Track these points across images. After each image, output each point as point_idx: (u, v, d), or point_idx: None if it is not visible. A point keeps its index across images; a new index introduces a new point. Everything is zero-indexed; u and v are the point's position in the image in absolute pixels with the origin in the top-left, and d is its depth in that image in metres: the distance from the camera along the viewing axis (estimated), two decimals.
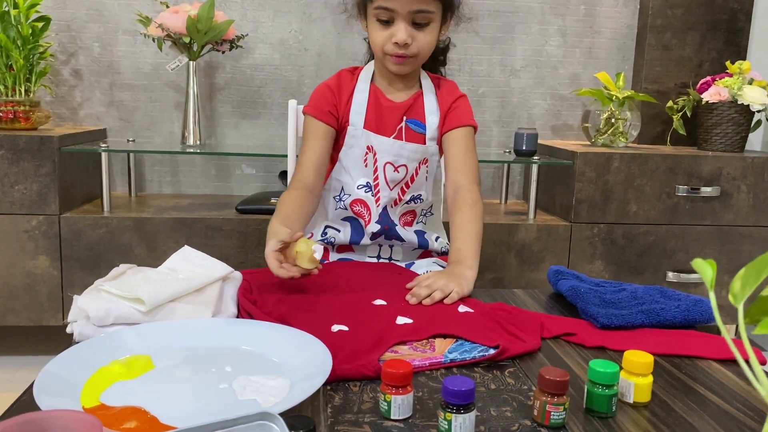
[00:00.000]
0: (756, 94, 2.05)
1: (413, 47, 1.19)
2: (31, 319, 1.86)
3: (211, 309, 0.85)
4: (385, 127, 1.27)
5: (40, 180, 1.81)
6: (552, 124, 2.42)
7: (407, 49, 1.18)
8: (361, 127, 1.26)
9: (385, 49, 1.20)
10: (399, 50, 1.18)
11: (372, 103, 1.28)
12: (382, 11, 1.16)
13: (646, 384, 0.69)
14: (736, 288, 0.39)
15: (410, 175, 1.28)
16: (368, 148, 1.27)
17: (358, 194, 1.28)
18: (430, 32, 1.20)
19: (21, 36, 1.87)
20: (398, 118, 1.28)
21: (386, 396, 0.63)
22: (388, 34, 1.18)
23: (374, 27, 1.20)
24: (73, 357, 0.70)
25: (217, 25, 1.96)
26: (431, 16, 1.18)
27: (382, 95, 1.29)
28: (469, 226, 1.17)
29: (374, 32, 1.20)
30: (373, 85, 1.29)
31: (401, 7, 1.15)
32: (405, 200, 1.30)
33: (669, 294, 0.99)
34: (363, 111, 1.27)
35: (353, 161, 1.27)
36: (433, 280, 1.01)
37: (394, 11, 1.15)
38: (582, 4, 2.34)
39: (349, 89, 1.28)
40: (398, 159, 1.26)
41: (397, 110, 1.28)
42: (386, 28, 1.18)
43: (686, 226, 2.04)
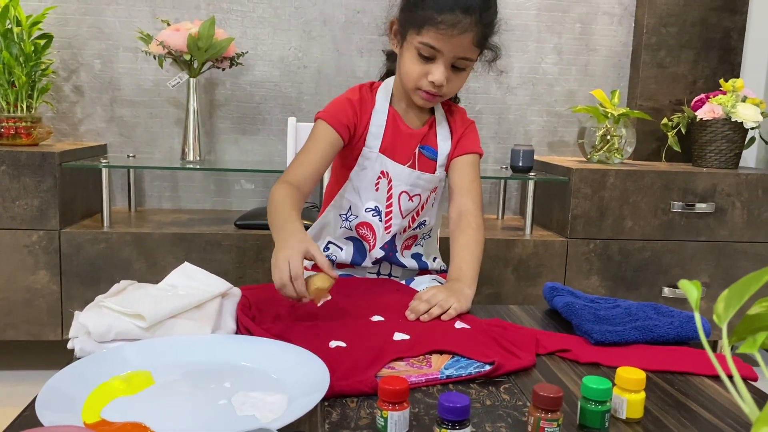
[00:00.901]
0: (749, 112, 2.08)
1: (445, 89, 1.18)
2: (30, 334, 1.86)
3: (211, 325, 0.86)
4: (400, 153, 1.26)
5: (40, 195, 1.82)
6: (548, 141, 2.44)
7: (440, 90, 1.18)
8: (377, 150, 1.24)
9: (418, 84, 1.18)
10: (433, 89, 1.17)
11: (390, 127, 1.26)
12: (426, 48, 1.14)
13: (639, 400, 0.70)
14: (719, 309, 0.41)
15: (422, 203, 1.29)
16: (382, 173, 1.25)
17: (365, 217, 1.26)
18: (463, 76, 1.20)
19: (23, 53, 1.90)
20: (414, 145, 1.27)
21: (383, 412, 0.64)
22: (425, 71, 1.16)
23: (412, 59, 1.17)
24: (75, 373, 0.71)
25: (218, 43, 1.98)
26: (470, 63, 1.18)
27: (401, 120, 1.27)
28: (471, 248, 1.18)
29: (410, 64, 1.17)
30: (391, 108, 1.27)
31: (449, 50, 1.13)
32: (413, 227, 1.30)
33: (662, 310, 1.01)
34: (381, 134, 1.25)
35: (365, 183, 1.26)
36: (432, 294, 1.02)
37: (439, 52, 1.14)
38: (578, 23, 2.37)
39: (369, 109, 1.26)
40: (414, 188, 1.26)
41: (414, 138, 1.27)
42: (425, 64, 1.16)
43: (681, 242, 2.05)
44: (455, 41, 1.12)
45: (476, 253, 1.18)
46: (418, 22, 1.13)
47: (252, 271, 1.92)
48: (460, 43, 1.12)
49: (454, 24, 1.11)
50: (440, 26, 1.11)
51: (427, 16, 1.12)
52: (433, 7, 1.11)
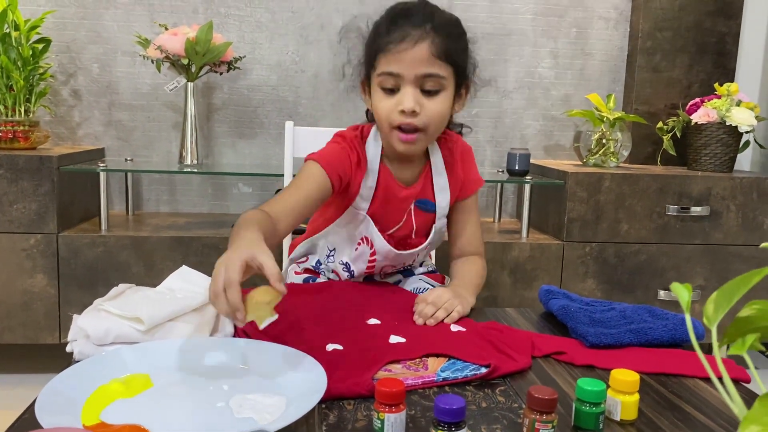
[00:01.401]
0: (744, 116, 2.09)
1: (422, 117, 1.06)
2: (28, 338, 1.87)
3: (209, 328, 0.86)
4: (393, 215, 1.19)
5: (38, 199, 1.83)
6: (544, 145, 2.45)
7: (415, 118, 1.06)
8: (365, 212, 1.17)
9: (391, 120, 1.07)
10: (406, 119, 1.05)
11: (381, 188, 1.16)
12: (386, 77, 1.05)
13: (633, 402, 0.71)
14: (709, 311, 0.41)
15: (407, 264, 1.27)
16: (365, 240, 1.18)
17: (336, 267, 1.23)
18: (440, 101, 1.07)
19: (21, 57, 1.90)
20: (407, 205, 1.19)
21: (380, 414, 0.65)
22: (394, 103, 1.06)
23: (379, 97, 1.08)
24: (74, 375, 0.72)
25: (215, 47, 1.99)
26: (442, 83, 1.06)
27: (392, 180, 1.17)
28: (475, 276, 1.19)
29: (379, 103, 1.08)
30: (382, 165, 1.16)
31: (408, 70, 1.03)
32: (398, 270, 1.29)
33: (657, 313, 1.02)
34: (371, 195, 1.16)
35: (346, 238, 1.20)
36: (437, 296, 1.02)
37: (400, 76, 1.04)
38: (573, 27, 2.38)
39: (363, 167, 1.15)
40: (398, 260, 1.22)
41: (407, 199, 1.19)
42: (392, 97, 1.06)
43: (677, 245, 2.07)
44: (410, 56, 1.03)
45: (478, 282, 1.19)
46: (372, 57, 1.08)
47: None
48: (416, 57, 1.03)
49: (403, 38, 1.03)
50: (390, 46, 1.03)
51: (377, 46, 1.06)
52: (381, 34, 1.06)
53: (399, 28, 1.04)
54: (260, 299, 0.75)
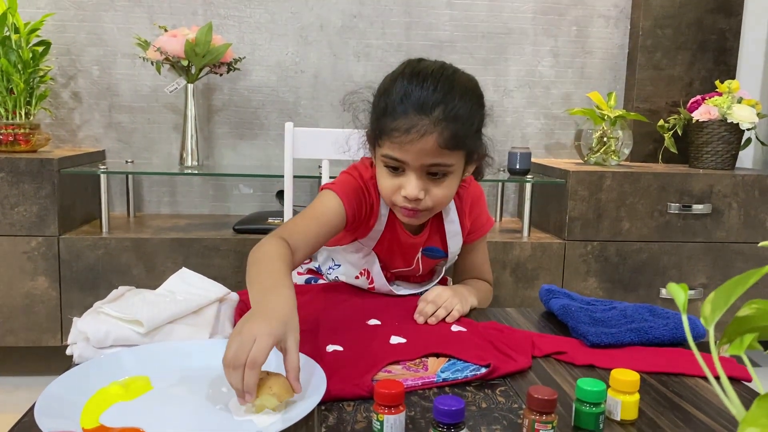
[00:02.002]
0: (745, 113, 2.09)
1: (427, 201, 1.01)
2: (29, 340, 1.87)
3: (209, 330, 0.86)
4: (400, 260, 1.17)
5: (39, 202, 1.83)
6: (545, 143, 2.45)
7: (419, 204, 1.01)
8: (371, 248, 1.15)
9: (394, 200, 1.02)
10: (409, 204, 1.00)
11: (389, 234, 1.14)
12: (389, 159, 0.98)
13: (633, 402, 0.70)
14: (707, 311, 0.41)
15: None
16: (366, 272, 1.16)
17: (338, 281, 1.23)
18: (447, 185, 1.01)
19: (22, 60, 1.90)
20: (416, 251, 1.17)
21: (379, 416, 0.65)
22: (397, 184, 1.00)
23: (382, 173, 1.02)
24: (73, 379, 0.72)
25: (215, 49, 1.99)
26: (449, 169, 1.00)
27: (402, 229, 1.14)
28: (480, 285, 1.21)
29: (382, 179, 1.02)
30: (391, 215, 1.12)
31: (414, 160, 0.96)
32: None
33: (658, 312, 1.01)
34: (377, 237, 1.14)
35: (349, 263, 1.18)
36: (437, 294, 1.03)
37: (404, 162, 0.98)
38: (573, 25, 2.38)
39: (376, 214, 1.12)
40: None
41: (414, 247, 1.16)
42: (395, 176, 1.00)
43: (678, 243, 2.06)
44: (416, 148, 0.95)
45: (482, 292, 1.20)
46: (377, 133, 1.00)
47: None
48: (422, 149, 0.95)
49: (408, 129, 0.94)
50: (394, 134, 0.95)
51: (383, 126, 0.97)
52: (387, 114, 0.97)
53: (406, 116, 0.95)
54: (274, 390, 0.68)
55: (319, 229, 1.04)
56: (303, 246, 1.00)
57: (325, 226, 1.04)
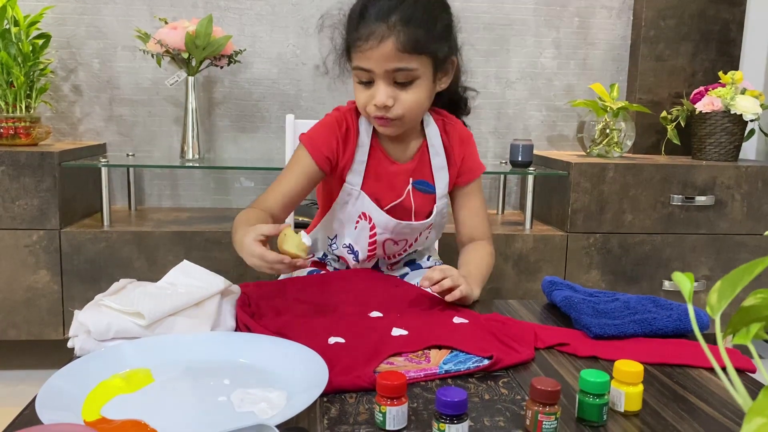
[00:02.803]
0: (748, 104, 2.08)
1: (396, 108, 1.08)
2: (31, 334, 1.87)
3: (210, 323, 0.86)
4: (390, 191, 1.20)
5: (40, 195, 1.83)
6: (547, 135, 2.44)
7: (389, 112, 1.08)
8: (359, 187, 1.18)
9: (368, 112, 1.11)
10: (380, 112, 1.08)
11: (373, 163, 1.18)
12: (360, 72, 1.07)
13: (637, 393, 0.70)
14: (713, 300, 0.41)
15: (410, 243, 1.25)
16: (363, 215, 1.19)
17: (342, 252, 1.25)
18: (416, 91, 1.08)
19: (22, 53, 1.90)
20: (405, 180, 1.20)
21: (381, 407, 0.64)
22: (369, 95, 1.08)
23: (356, 88, 1.11)
24: (74, 371, 0.72)
25: (215, 41, 1.98)
26: (415, 74, 1.06)
27: (385, 156, 1.19)
28: (483, 265, 1.20)
29: (357, 93, 1.12)
30: (374, 141, 1.19)
31: (378, 66, 1.05)
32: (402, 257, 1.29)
33: (661, 303, 1.01)
34: (362, 171, 1.17)
35: (347, 219, 1.21)
36: (447, 267, 1.03)
37: (371, 71, 1.06)
38: (576, 16, 2.37)
39: (353, 140, 1.17)
40: (400, 235, 1.21)
41: (403, 174, 1.19)
42: (367, 89, 1.09)
43: (681, 235, 2.05)
44: (377, 54, 1.03)
45: (486, 270, 1.20)
46: (347, 50, 1.10)
47: (252, 269, 1.91)
48: (382, 54, 1.03)
49: (368, 36, 1.03)
50: (358, 43, 1.05)
51: (349, 41, 1.07)
52: (351, 27, 1.07)
53: (365, 24, 1.04)
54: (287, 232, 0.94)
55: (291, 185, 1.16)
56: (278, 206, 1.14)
57: (297, 180, 1.16)
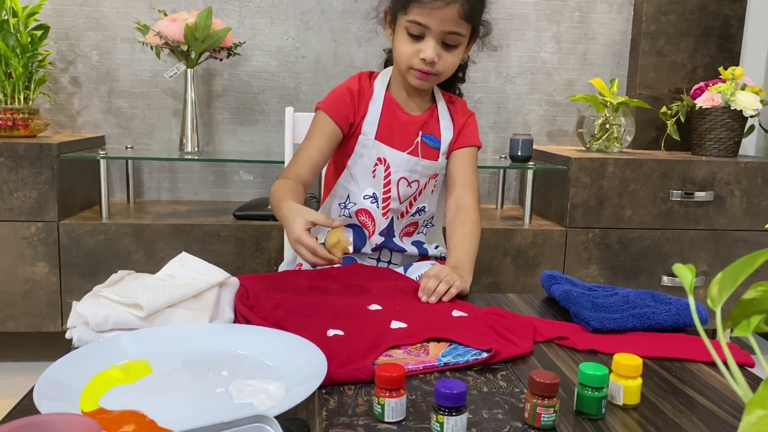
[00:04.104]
0: (749, 100, 2.07)
1: (439, 66, 1.19)
2: (30, 325, 1.87)
3: (209, 314, 0.86)
4: (401, 140, 1.27)
5: (39, 187, 1.82)
6: (547, 130, 2.43)
7: (433, 67, 1.19)
8: (373, 137, 1.25)
9: (410, 63, 1.19)
10: (425, 66, 1.18)
11: (386, 114, 1.27)
12: (414, 25, 1.15)
13: (635, 386, 0.70)
14: (713, 292, 0.41)
15: (420, 189, 1.30)
16: (380, 160, 1.26)
17: (364, 204, 1.28)
18: (457, 53, 1.20)
19: (20, 44, 1.89)
20: (415, 132, 1.28)
21: (380, 399, 0.64)
22: (416, 49, 1.17)
23: (402, 39, 1.19)
24: (73, 362, 0.71)
25: (215, 33, 1.97)
26: (461, 39, 1.18)
27: (399, 108, 1.28)
28: (470, 242, 1.22)
29: (402, 44, 1.19)
30: (388, 95, 1.28)
31: (436, 25, 1.14)
32: (411, 213, 1.31)
33: (660, 298, 1.01)
34: (376, 121, 1.26)
35: (361, 170, 1.27)
36: (439, 269, 1.05)
37: (427, 28, 1.15)
38: (576, 11, 2.36)
39: (367, 98, 1.27)
40: (412, 174, 1.27)
41: (414, 124, 1.28)
42: (415, 43, 1.17)
43: (680, 231, 2.05)
44: (441, 14, 1.13)
45: (474, 246, 1.22)
46: (404, 1, 1.16)
47: (251, 261, 1.92)
48: (446, 16, 1.13)
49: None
50: (425, 1, 1.13)
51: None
52: None
53: None
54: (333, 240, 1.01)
55: (315, 150, 1.23)
56: (306, 172, 1.22)
57: (320, 144, 1.23)
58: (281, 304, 0.96)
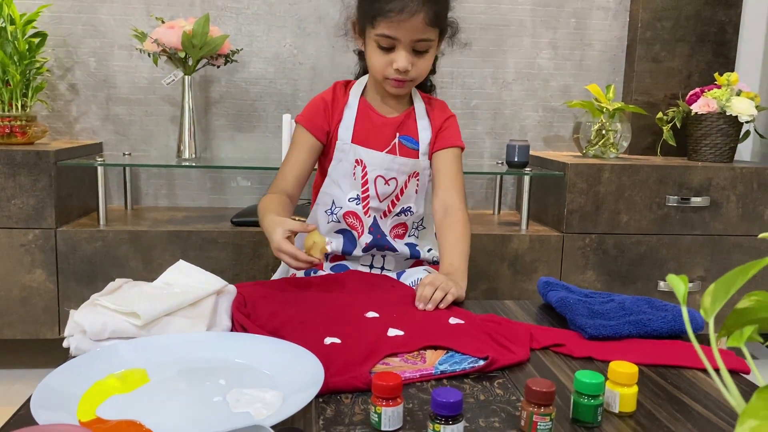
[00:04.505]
0: (744, 106, 2.08)
1: (412, 72, 1.22)
2: (27, 333, 1.87)
3: (206, 322, 0.86)
4: (377, 142, 1.30)
5: (36, 194, 1.82)
6: (543, 136, 2.44)
7: (407, 75, 1.22)
8: (349, 141, 1.29)
9: (385, 74, 1.22)
10: (399, 75, 1.21)
11: (361, 118, 1.30)
12: (383, 38, 1.18)
13: (631, 394, 0.70)
14: (706, 303, 0.41)
15: (400, 188, 1.31)
16: (357, 162, 1.29)
17: (349, 206, 1.30)
18: (428, 57, 1.23)
19: (18, 52, 1.89)
20: (391, 133, 1.31)
21: (377, 408, 0.65)
22: (389, 60, 1.20)
23: (374, 51, 1.22)
24: (70, 371, 0.72)
25: (212, 40, 1.98)
26: (430, 43, 1.21)
27: (374, 111, 1.31)
28: (461, 245, 1.23)
29: (374, 57, 1.22)
30: (362, 100, 1.32)
31: (405, 36, 1.17)
32: (395, 212, 1.33)
33: (656, 304, 1.01)
34: (351, 126, 1.29)
35: (342, 174, 1.30)
36: (435, 277, 1.06)
37: (396, 39, 1.18)
38: (572, 17, 2.37)
39: (342, 104, 1.31)
40: (389, 172, 1.29)
41: (389, 126, 1.31)
42: (387, 54, 1.20)
43: (677, 236, 2.06)
44: (408, 25, 1.16)
45: (465, 248, 1.23)
46: (370, 16, 1.18)
47: (248, 268, 1.92)
48: (412, 26, 1.16)
49: (402, 9, 1.14)
50: (390, 14, 1.15)
51: (376, 9, 1.16)
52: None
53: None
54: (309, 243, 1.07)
55: (298, 164, 1.28)
56: (292, 186, 1.28)
57: (302, 158, 1.29)
58: (278, 312, 0.96)
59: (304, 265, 1.06)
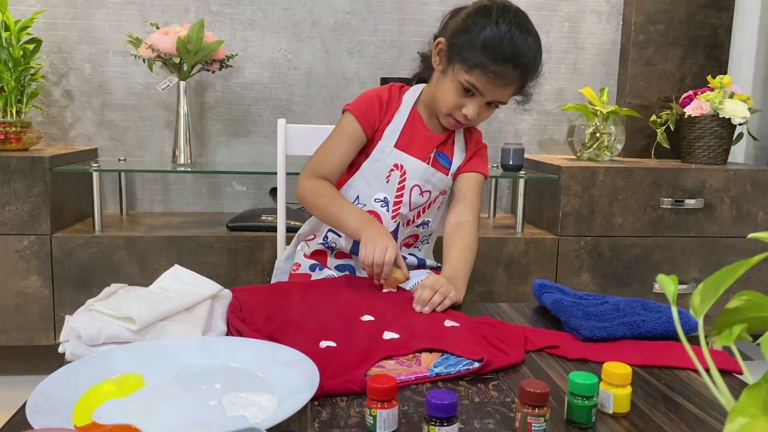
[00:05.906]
0: (737, 108, 2.10)
1: (476, 120, 1.24)
2: (22, 339, 1.86)
3: (201, 327, 0.86)
4: (417, 151, 1.29)
5: (31, 200, 1.82)
6: (538, 139, 2.45)
7: (470, 122, 1.24)
8: (392, 145, 1.28)
9: (451, 112, 1.23)
10: (464, 121, 1.22)
11: (409, 126, 1.30)
12: (470, 86, 1.18)
13: (625, 395, 0.71)
14: (696, 302, 0.41)
15: (429, 201, 1.32)
16: (396, 166, 1.28)
17: (373, 206, 1.29)
18: (492, 111, 1.26)
19: (12, 58, 1.89)
20: (431, 148, 1.31)
21: (372, 410, 0.65)
22: (461, 104, 1.21)
23: (452, 90, 1.21)
24: (65, 376, 0.72)
25: (207, 46, 1.98)
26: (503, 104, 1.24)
27: (422, 123, 1.31)
28: (467, 256, 1.24)
29: (449, 94, 1.21)
30: (414, 109, 1.31)
31: (490, 94, 1.19)
32: (417, 223, 1.33)
33: (650, 306, 1.02)
34: (398, 131, 1.29)
35: (375, 174, 1.29)
36: (435, 280, 1.06)
37: (480, 93, 1.18)
38: (566, 21, 2.38)
39: (394, 107, 1.30)
40: (426, 184, 1.29)
41: (432, 141, 1.31)
42: (462, 98, 1.20)
43: (671, 238, 2.07)
44: (500, 90, 1.18)
45: (470, 260, 1.24)
46: (469, 62, 1.16)
47: (244, 273, 1.92)
48: (503, 92, 1.19)
49: (504, 75, 1.15)
50: (490, 75, 1.15)
51: (480, 61, 1.15)
52: (488, 55, 1.14)
53: (504, 64, 1.14)
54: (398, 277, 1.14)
55: (342, 151, 1.27)
56: (335, 174, 1.27)
57: (347, 147, 1.28)
58: (273, 316, 0.96)
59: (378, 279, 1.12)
